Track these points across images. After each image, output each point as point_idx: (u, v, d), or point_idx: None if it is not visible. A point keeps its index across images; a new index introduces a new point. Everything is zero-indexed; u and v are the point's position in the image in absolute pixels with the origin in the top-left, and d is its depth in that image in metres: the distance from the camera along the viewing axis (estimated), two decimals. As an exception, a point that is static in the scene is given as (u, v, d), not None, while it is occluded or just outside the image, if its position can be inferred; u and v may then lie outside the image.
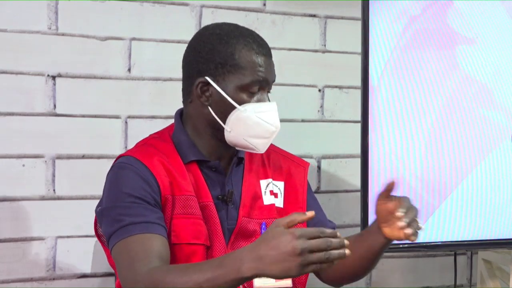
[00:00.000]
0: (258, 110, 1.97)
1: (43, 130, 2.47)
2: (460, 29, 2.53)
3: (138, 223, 1.87)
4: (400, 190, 1.91)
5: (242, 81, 1.95)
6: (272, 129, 1.99)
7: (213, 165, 2.02)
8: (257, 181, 2.08)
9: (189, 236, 1.94)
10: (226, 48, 1.96)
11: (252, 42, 1.97)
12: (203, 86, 1.97)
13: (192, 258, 1.94)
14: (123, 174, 1.95)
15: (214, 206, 1.99)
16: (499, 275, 2.90)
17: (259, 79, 1.97)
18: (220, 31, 1.99)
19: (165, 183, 1.94)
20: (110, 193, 1.95)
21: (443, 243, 2.55)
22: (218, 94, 1.96)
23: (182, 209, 1.95)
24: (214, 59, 1.96)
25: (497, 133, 2.57)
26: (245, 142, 1.99)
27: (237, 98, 1.96)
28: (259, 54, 1.97)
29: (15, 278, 2.46)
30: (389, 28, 2.46)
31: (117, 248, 1.87)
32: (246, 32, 2.00)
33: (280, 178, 2.11)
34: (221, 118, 1.97)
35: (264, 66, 1.97)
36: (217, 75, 1.96)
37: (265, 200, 2.07)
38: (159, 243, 1.86)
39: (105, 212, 1.93)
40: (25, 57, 2.45)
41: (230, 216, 2.02)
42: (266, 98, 1.99)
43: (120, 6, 2.56)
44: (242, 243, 2.02)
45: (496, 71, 2.57)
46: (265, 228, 2.04)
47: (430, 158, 2.51)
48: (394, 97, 2.47)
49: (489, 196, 2.57)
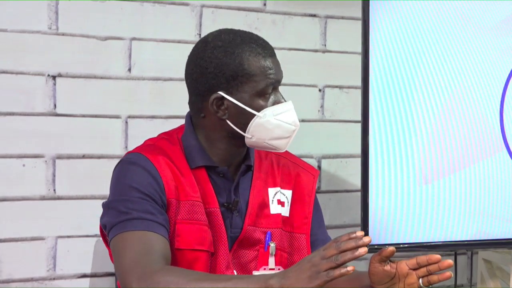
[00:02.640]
0: (277, 113, 1.96)
1: (43, 130, 2.47)
2: (460, 28, 2.53)
3: (145, 220, 1.86)
4: (400, 190, 1.91)
5: (256, 88, 1.95)
6: (292, 128, 1.98)
7: (222, 171, 2.01)
8: (265, 189, 2.07)
9: (193, 242, 1.94)
10: (234, 60, 1.94)
11: (257, 47, 1.97)
12: (218, 101, 1.95)
13: (195, 264, 1.94)
14: (132, 169, 1.94)
15: (220, 213, 1.98)
16: (499, 275, 2.90)
17: (272, 82, 1.97)
18: (221, 42, 1.96)
19: (171, 186, 1.94)
20: (117, 186, 1.94)
21: (443, 243, 2.55)
22: (235, 106, 1.95)
23: (187, 215, 1.94)
24: (224, 73, 1.94)
25: (498, 133, 2.57)
26: (267, 145, 1.98)
27: (255, 105, 1.95)
28: (266, 57, 1.97)
29: (15, 278, 2.46)
30: (389, 28, 2.46)
31: (119, 239, 1.86)
32: (247, 37, 1.99)
33: (288, 186, 2.10)
34: (241, 128, 1.96)
35: (273, 67, 1.98)
36: (230, 88, 1.94)
37: (272, 209, 2.06)
38: (163, 245, 1.86)
39: (112, 204, 1.92)
40: (25, 57, 2.45)
41: (234, 224, 2.01)
42: (281, 98, 1.99)
43: (120, 6, 2.56)
44: (245, 251, 2.02)
45: (497, 71, 2.57)
46: (269, 237, 2.03)
47: (430, 158, 2.51)
48: (394, 97, 2.47)
49: (489, 196, 2.57)
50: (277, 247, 2.04)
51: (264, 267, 2.02)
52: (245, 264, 2.02)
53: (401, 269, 1.88)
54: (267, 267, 2.02)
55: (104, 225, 1.92)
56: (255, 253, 2.03)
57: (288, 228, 2.08)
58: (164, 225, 1.89)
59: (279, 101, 1.98)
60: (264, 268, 2.02)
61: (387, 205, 2.45)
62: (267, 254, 2.03)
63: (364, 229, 2.43)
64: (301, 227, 2.09)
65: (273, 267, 2.02)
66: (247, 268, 2.01)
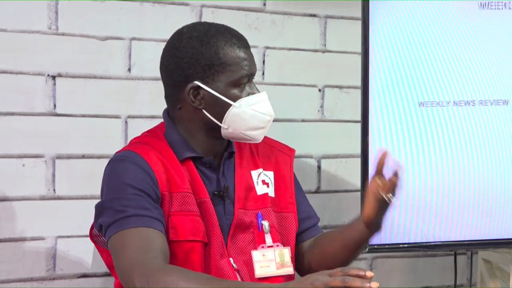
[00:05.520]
0: (252, 103, 1.99)
1: (43, 130, 2.47)
2: (460, 28, 2.53)
3: (142, 216, 1.87)
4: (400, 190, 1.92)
5: (232, 77, 1.98)
6: (267, 118, 2.02)
7: (207, 161, 2.03)
8: (249, 172, 2.10)
9: (188, 233, 1.95)
10: (209, 49, 1.97)
11: (232, 37, 2.00)
12: (194, 91, 1.98)
13: (191, 254, 1.95)
14: (123, 166, 1.95)
15: (211, 202, 2.00)
16: (499, 275, 2.90)
17: (247, 73, 1.99)
18: (197, 33, 2.00)
19: (162, 179, 1.95)
20: (110, 185, 1.95)
21: (443, 243, 2.55)
22: (211, 96, 1.97)
23: (179, 206, 1.96)
24: (199, 62, 1.97)
25: (498, 133, 2.57)
26: (243, 135, 2.01)
27: (230, 95, 1.98)
28: (241, 48, 2.00)
29: (15, 278, 2.46)
30: (389, 28, 2.46)
31: (118, 237, 1.87)
32: (222, 28, 2.02)
33: (269, 168, 2.13)
34: (217, 118, 1.99)
35: (248, 59, 2.00)
36: (206, 77, 1.97)
37: (258, 190, 2.10)
38: (161, 240, 1.87)
39: (106, 204, 1.92)
40: (25, 57, 2.45)
41: (227, 211, 2.03)
42: (255, 89, 2.03)
43: (120, 6, 2.56)
44: (241, 235, 2.04)
45: (496, 71, 2.57)
46: (261, 217, 2.06)
47: (430, 158, 2.51)
48: (394, 97, 2.47)
49: (489, 196, 2.57)
50: (271, 225, 2.07)
51: (262, 245, 2.04)
52: (243, 248, 2.04)
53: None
54: (265, 245, 2.05)
55: (100, 225, 1.93)
56: (251, 236, 2.05)
57: (277, 209, 2.11)
58: (160, 220, 1.90)
59: (254, 92, 2.01)
60: (262, 247, 2.04)
61: (387, 205, 2.45)
62: (263, 234, 2.06)
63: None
64: (288, 206, 2.13)
65: (271, 245, 2.06)
66: (246, 251, 2.03)
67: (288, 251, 2.07)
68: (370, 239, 2.04)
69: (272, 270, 2.03)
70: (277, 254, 2.05)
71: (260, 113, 2.00)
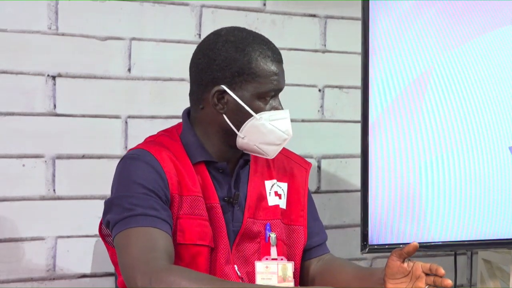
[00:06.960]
0: (273, 118, 1.98)
1: (43, 130, 2.47)
2: (460, 28, 2.54)
3: (149, 216, 1.87)
4: (400, 190, 1.91)
5: (258, 89, 1.96)
6: (284, 136, 2.01)
7: (221, 166, 2.02)
8: (262, 182, 2.09)
9: (195, 237, 1.95)
10: (243, 57, 1.96)
11: (267, 49, 1.98)
12: (219, 94, 1.97)
13: (197, 258, 1.95)
14: (135, 165, 1.94)
15: (220, 207, 1.99)
16: (499, 275, 2.90)
17: (274, 88, 1.98)
18: (234, 38, 1.98)
19: (173, 181, 1.95)
20: (121, 182, 1.94)
21: (443, 243, 2.55)
22: (235, 103, 1.97)
23: (189, 210, 1.95)
24: (230, 68, 1.96)
25: (498, 133, 2.57)
26: (257, 148, 2.00)
27: (254, 106, 1.97)
28: (274, 62, 1.98)
29: (15, 278, 2.46)
30: (389, 28, 2.46)
31: (124, 235, 1.86)
32: (259, 39, 2.01)
33: (284, 179, 2.13)
34: (235, 126, 1.98)
35: (278, 74, 1.99)
36: (234, 84, 1.96)
37: (270, 201, 2.08)
38: (166, 241, 1.87)
39: (116, 201, 1.92)
40: (25, 57, 2.45)
41: (235, 218, 2.03)
42: (279, 105, 2.01)
43: (120, 6, 2.56)
44: (247, 244, 2.03)
45: (497, 71, 2.57)
46: (269, 229, 2.05)
47: (430, 158, 2.51)
48: (394, 97, 2.47)
49: (489, 196, 2.57)
50: (278, 237, 2.06)
51: (266, 257, 2.04)
52: (248, 257, 2.03)
53: (416, 270, 1.93)
54: (269, 257, 2.04)
55: (108, 221, 1.93)
56: (256, 246, 2.04)
57: (286, 221, 2.10)
58: (168, 221, 1.89)
59: (277, 108, 2.00)
60: (267, 258, 2.04)
61: (387, 205, 2.46)
62: (269, 245, 2.05)
63: (364, 229, 2.43)
64: (298, 219, 2.12)
65: (275, 257, 2.05)
66: (250, 261, 2.03)
67: (291, 266, 2.06)
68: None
69: (273, 283, 2.02)
70: (280, 268, 2.04)
71: (279, 130, 1.99)
